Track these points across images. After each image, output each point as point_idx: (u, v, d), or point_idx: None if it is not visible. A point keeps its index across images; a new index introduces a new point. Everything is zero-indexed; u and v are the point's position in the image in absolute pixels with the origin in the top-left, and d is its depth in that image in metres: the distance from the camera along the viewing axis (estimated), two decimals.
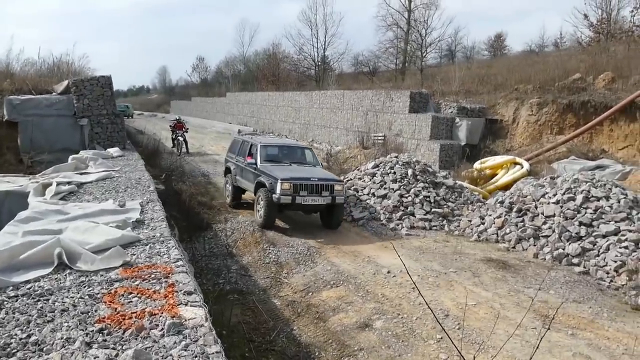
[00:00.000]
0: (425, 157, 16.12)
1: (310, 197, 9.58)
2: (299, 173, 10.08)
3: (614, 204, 8.79)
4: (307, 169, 10.74)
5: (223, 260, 8.67)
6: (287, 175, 9.69)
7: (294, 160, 11.08)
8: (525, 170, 13.68)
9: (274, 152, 11.19)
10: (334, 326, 6.27)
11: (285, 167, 10.50)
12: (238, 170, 11.71)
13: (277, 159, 10.93)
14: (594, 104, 15.52)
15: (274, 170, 9.97)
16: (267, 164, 10.48)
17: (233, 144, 12.92)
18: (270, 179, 9.73)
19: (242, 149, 11.83)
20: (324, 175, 10.43)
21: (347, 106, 22.72)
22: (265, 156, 10.80)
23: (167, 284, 4.13)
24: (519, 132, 17.32)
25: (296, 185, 9.49)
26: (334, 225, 10.18)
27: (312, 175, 10.02)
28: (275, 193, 9.41)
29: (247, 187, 11.20)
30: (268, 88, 38.17)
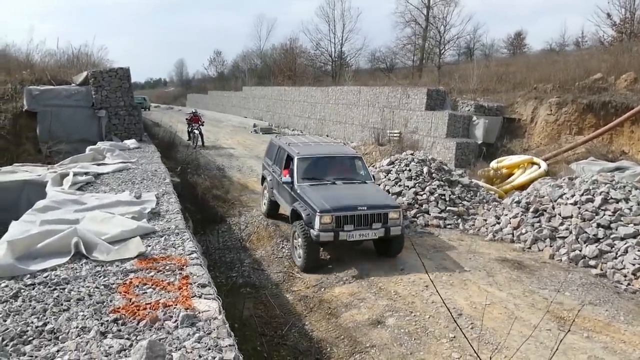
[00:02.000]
0: (441, 155, 15.98)
1: (357, 231, 7.70)
2: (344, 198, 8.01)
3: (634, 206, 8.63)
4: (355, 190, 8.62)
5: (236, 253, 8.71)
6: (328, 203, 7.71)
7: (339, 175, 9.04)
8: (543, 170, 13.50)
9: (315, 166, 9.05)
10: (346, 322, 6.26)
11: (327, 188, 8.44)
12: (275, 183, 9.89)
13: (318, 175, 8.83)
14: (615, 104, 15.24)
15: (313, 196, 8.03)
16: (306, 185, 8.49)
17: (270, 148, 11.07)
18: (308, 208, 7.87)
19: (279, 157, 10.00)
20: (375, 199, 8.26)
21: (363, 102, 22.62)
22: (303, 172, 8.78)
23: (182, 275, 4.15)
24: (537, 131, 17.09)
25: (339, 217, 7.62)
26: (391, 255, 8.33)
27: (361, 201, 7.94)
28: (314, 228, 7.58)
29: (284, 208, 9.52)
30: (284, 83, 38.19)
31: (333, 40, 45.12)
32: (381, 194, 9.06)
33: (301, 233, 7.76)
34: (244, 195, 12.85)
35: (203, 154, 19.72)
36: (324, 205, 7.65)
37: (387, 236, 7.86)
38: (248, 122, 33.50)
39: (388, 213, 7.89)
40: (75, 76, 14.78)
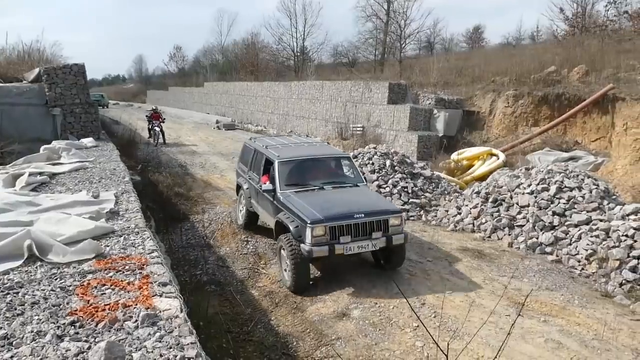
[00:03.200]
0: (403, 148, 16.20)
1: (355, 242, 6.68)
2: (337, 205, 6.99)
3: (586, 194, 8.98)
4: (348, 194, 7.59)
5: (200, 251, 8.60)
6: (320, 212, 6.68)
7: (327, 179, 8.05)
8: (501, 161, 13.87)
9: (299, 171, 8.01)
10: (312, 316, 6.29)
11: (316, 195, 7.42)
12: (252, 192, 8.91)
13: (304, 180, 7.82)
14: (568, 96, 15.77)
15: (300, 205, 7.00)
16: (290, 192, 7.46)
17: (244, 152, 9.85)
18: (296, 220, 6.85)
19: (256, 162, 8.90)
20: (372, 204, 7.26)
21: (326, 97, 22.67)
22: (286, 178, 7.76)
23: (142, 275, 4.08)
24: (496, 123, 17.52)
25: (334, 228, 6.62)
26: (392, 267, 7.39)
27: (357, 207, 6.92)
28: (305, 242, 6.56)
29: (265, 219, 8.52)
30: (247, 78, 37.81)
31: (295, 35, 44.92)
32: (377, 197, 8.22)
33: (289, 248, 6.69)
34: (207, 192, 12.69)
35: (164, 151, 19.37)
36: (315, 215, 6.60)
37: (389, 246, 6.87)
38: (210, 118, 33.07)
39: (389, 219, 6.88)
40: (26, 73, 14.22)
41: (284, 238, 6.96)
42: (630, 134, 13.12)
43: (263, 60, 44.99)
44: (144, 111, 32.06)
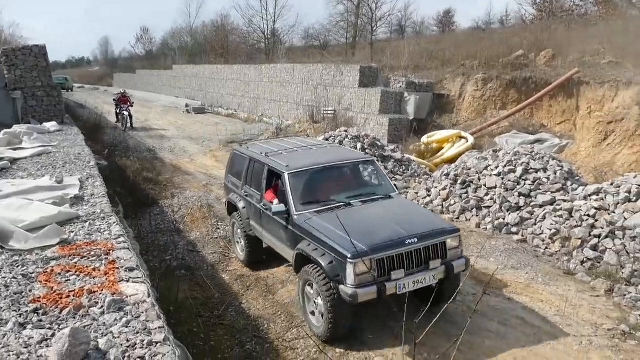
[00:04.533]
0: (374, 131, 16.26)
1: (410, 277, 5.04)
2: (379, 228, 5.29)
3: (551, 175, 9.21)
4: (385, 209, 5.89)
5: (170, 236, 8.51)
6: (361, 241, 4.92)
7: (351, 190, 6.34)
8: (470, 144, 14.09)
9: (316, 183, 6.27)
10: (283, 299, 6.32)
11: (344, 214, 5.43)
12: (252, 212, 7.00)
13: (324, 196, 6.07)
14: (535, 80, 16.08)
15: (330, 231, 5.24)
16: (310, 213, 5.73)
17: (234, 161, 7.80)
18: (328, 253, 5.11)
19: (254, 175, 6.98)
20: (422, 222, 5.58)
21: (298, 80, 22.51)
22: (301, 194, 6.00)
23: (108, 260, 4.01)
24: (465, 107, 17.75)
25: (382, 260, 4.93)
26: (444, 300, 5.25)
27: (404, 228, 5.23)
28: (346, 284, 4.86)
29: (274, 247, 6.58)
30: (216, 61, 37.18)
31: (266, 17, 44.32)
32: (423, 212, 6.74)
33: (325, 293, 5.00)
34: (176, 176, 12.52)
35: (132, 135, 18.98)
36: (355, 245, 4.77)
37: (449, 277, 5.30)
38: (180, 102, 32.47)
39: (446, 241, 5.29)
40: None
41: (315, 275, 5.16)
42: (594, 117, 13.49)
43: (233, 42, 44.29)
44: (110, 95, 31.26)
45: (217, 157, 15.40)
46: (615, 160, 11.62)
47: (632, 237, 7.07)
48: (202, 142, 18.21)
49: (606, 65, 15.09)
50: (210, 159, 15.34)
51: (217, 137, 18.36)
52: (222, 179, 12.24)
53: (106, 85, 56.33)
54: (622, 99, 12.83)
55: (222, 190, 11.20)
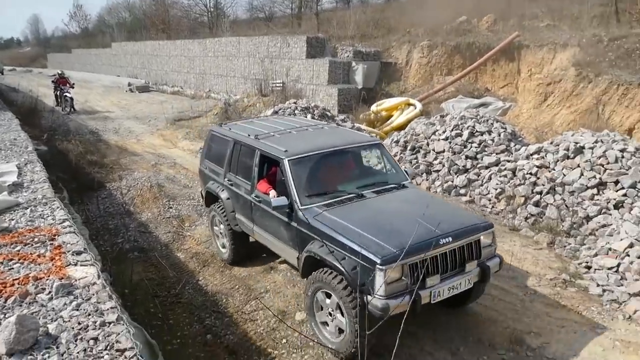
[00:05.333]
0: (324, 102, 16.25)
1: (445, 283, 4.36)
2: (405, 225, 4.46)
3: (495, 137, 9.53)
4: (404, 202, 5.14)
5: (120, 219, 8.28)
6: (388, 241, 4.20)
7: (360, 179, 5.63)
8: (418, 110, 14.32)
9: (320, 172, 5.42)
10: (240, 272, 6.32)
11: (359, 208, 4.91)
12: (238, 204, 6.10)
13: (330, 186, 5.29)
14: (479, 45, 16.41)
15: (349, 230, 4.44)
16: (318, 207, 4.89)
17: (213, 144, 6.77)
18: (351, 257, 4.23)
19: (240, 161, 6.03)
20: (451, 216, 4.85)
21: (244, 53, 22.05)
22: (306, 185, 5.15)
23: (53, 246, 3.87)
24: (412, 74, 17.96)
25: (415, 265, 4.18)
26: (469, 301, 5.18)
27: (434, 225, 4.38)
28: (374, 294, 4.03)
29: (269, 245, 5.72)
30: (158, 37, 35.78)
31: None
32: (448, 204, 6.03)
33: (349, 305, 4.22)
34: (123, 158, 12.11)
35: (72, 118, 18.16)
36: (384, 248, 4.11)
37: (485, 280, 4.67)
38: (122, 81, 31.21)
39: (480, 237, 4.63)
40: None
41: (333, 283, 4.34)
42: (534, 79, 13.97)
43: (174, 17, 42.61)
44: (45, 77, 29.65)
45: (165, 136, 15.00)
46: (555, 120, 12.14)
47: (571, 191, 7.46)
48: (148, 121, 17.66)
49: (544, 29, 15.60)
50: (158, 138, 14.92)
51: (164, 115, 17.84)
52: (171, 158, 12.04)
53: (40, 66, 53.29)
54: (560, 61, 13.33)
55: (172, 170, 10.99)
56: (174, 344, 4.99)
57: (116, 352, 2.56)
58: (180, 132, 15.19)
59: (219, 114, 16.25)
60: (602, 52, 12.23)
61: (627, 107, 10.69)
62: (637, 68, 11.10)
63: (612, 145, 7.71)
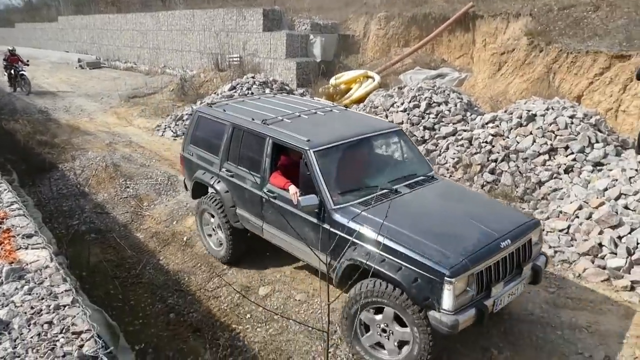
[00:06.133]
0: (282, 76, 16.04)
1: (506, 289, 4.04)
2: (459, 226, 4.16)
3: (452, 107, 9.68)
4: (444, 198, 4.75)
5: (75, 200, 8.03)
6: (450, 247, 3.81)
7: (388, 172, 5.05)
8: (377, 83, 14.32)
9: (348, 164, 4.86)
10: (202, 250, 6.27)
11: (401, 207, 4.35)
12: (241, 198, 5.40)
13: (361, 180, 4.79)
14: (435, 16, 16.45)
15: (402, 234, 3.95)
16: (355, 206, 4.34)
17: (199, 126, 6.04)
18: (409, 267, 3.77)
19: (244, 150, 5.34)
20: (500, 214, 4.59)
21: (199, 27, 21.41)
22: (337, 181, 4.58)
23: (2, 230, 3.72)
24: (370, 46, 17.90)
25: (481, 274, 3.82)
26: None
27: (488, 226, 4.12)
28: (440, 308, 3.65)
29: (287, 247, 5.03)
30: (107, 10, 34.24)
31: None
32: (488, 199, 5.88)
33: (416, 323, 3.78)
34: (75, 137, 11.67)
35: (18, 96, 17.30)
36: (449, 256, 3.71)
37: (537, 281, 4.41)
38: (71, 57, 29.86)
39: (531, 236, 4.30)
40: None
41: (392, 298, 3.84)
42: (489, 49, 14.17)
43: None
44: None
45: (119, 114, 14.52)
46: (509, 89, 12.40)
47: (524, 158, 7.71)
48: (101, 98, 17.03)
49: None
50: (112, 116, 14.43)
51: (117, 92, 17.23)
52: (126, 137, 11.69)
53: None
54: (513, 31, 13.54)
55: (128, 148, 10.69)
56: (136, 325, 4.95)
57: (72, 335, 2.51)
58: (135, 110, 14.74)
59: (175, 90, 15.83)
60: (552, 21, 12.50)
61: (576, 75, 11.01)
62: (585, 36, 11.42)
63: (562, 112, 7.98)
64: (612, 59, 10.46)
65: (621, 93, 10.09)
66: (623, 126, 9.65)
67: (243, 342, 4.61)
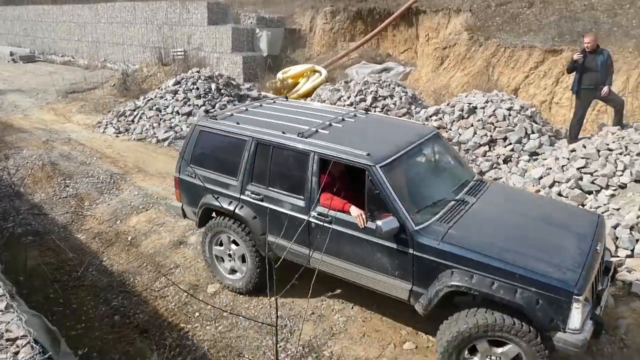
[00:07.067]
0: (228, 71, 15.83)
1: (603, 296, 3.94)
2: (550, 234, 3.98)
3: (397, 101, 9.90)
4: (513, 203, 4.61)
5: (9, 201, 7.61)
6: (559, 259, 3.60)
7: (444, 178, 4.80)
8: (324, 77, 14.42)
9: (413, 176, 4.54)
10: (148, 250, 6.13)
11: (474, 216, 4.12)
12: (275, 223, 4.53)
13: (429, 196, 4.31)
14: (379, 10, 16.69)
15: (508, 250, 3.66)
16: (438, 225, 3.93)
17: (202, 143, 5.13)
18: (525, 288, 3.43)
19: (276, 169, 4.60)
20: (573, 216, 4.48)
21: (140, 20, 20.72)
22: (411, 197, 4.17)
23: None
24: (317, 40, 17.95)
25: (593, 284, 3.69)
26: None
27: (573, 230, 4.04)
28: (566, 328, 3.40)
29: (349, 276, 4.37)
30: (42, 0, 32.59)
31: None
32: (544, 198, 5.80)
33: (535, 350, 3.46)
34: (8, 135, 11.03)
35: None
36: (565, 271, 3.47)
37: (613, 280, 4.51)
38: (2, 50, 28.15)
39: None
40: None
41: (516, 329, 3.47)
42: (431, 44, 14.54)
43: None
44: None
45: (57, 111, 13.87)
46: (451, 83, 12.79)
47: (466, 149, 7.98)
48: (36, 94, 16.18)
49: None
50: (48, 112, 13.76)
51: (54, 88, 16.42)
52: (64, 134, 11.20)
53: None
54: (454, 26, 13.95)
55: (66, 146, 10.27)
56: (79, 329, 4.78)
57: (7, 342, 2.40)
58: (74, 106, 14.12)
59: (117, 85, 15.27)
60: (490, 17, 12.96)
61: (513, 69, 11.50)
62: (521, 32, 11.92)
63: (500, 104, 8.32)
64: (545, 54, 11.00)
65: (554, 86, 10.63)
66: (556, 117, 10.19)
67: (192, 341, 4.55)
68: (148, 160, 9.24)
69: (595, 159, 6.33)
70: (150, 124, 10.74)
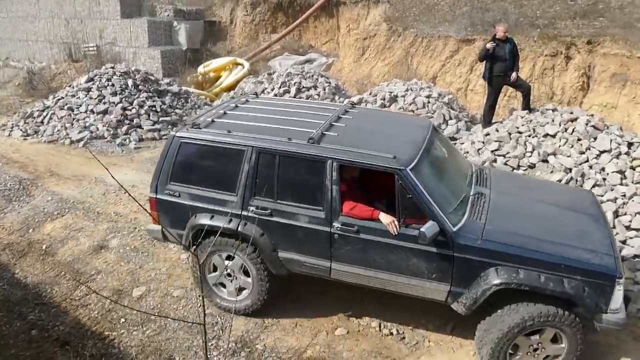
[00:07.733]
0: (147, 66, 15.17)
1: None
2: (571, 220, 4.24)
3: (321, 92, 9.95)
4: (529, 190, 4.75)
5: None
6: (589, 245, 3.84)
7: (455, 172, 4.66)
8: (247, 69, 14.20)
9: (437, 173, 4.37)
10: (65, 257, 5.77)
11: (497, 209, 4.18)
12: (288, 238, 4.28)
13: (454, 193, 4.24)
14: (300, 2, 16.64)
15: (540, 241, 3.81)
16: (473, 223, 3.92)
17: (185, 157, 4.48)
18: (570, 277, 3.65)
19: (285, 180, 4.19)
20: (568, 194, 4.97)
21: (46, 14, 19.35)
22: (443, 197, 4.03)
23: None
24: (238, 33, 17.62)
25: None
26: None
27: (579, 211, 4.37)
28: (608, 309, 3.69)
29: (378, 284, 4.19)
30: None
31: None
32: (545, 181, 5.84)
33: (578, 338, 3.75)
34: None
35: None
36: (602, 256, 3.72)
37: None
38: None
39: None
40: None
41: (558, 319, 3.65)
42: (352, 34, 14.73)
43: None
44: None
45: None
46: (372, 72, 13.03)
47: None
48: None
49: None
50: None
51: None
52: None
53: None
54: (373, 17, 14.20)
55: None
56: None
57: None
58: None
59: (22, 84, 14.23)
60: (407, 8, 13.32)
61: (431, 58, 11.90)
62: (437, 22, 12.35)
63: (420, 92, 8.59)
64: (459, 43, 11.47)
65: (469, 74, 11.13)
66: (472, 103, 10.69)
67: (118, 349, 4.34)
68: (61, 163, 8.66)
69: (507, 141, 6.70)
70: (62, 124, 10.07)
